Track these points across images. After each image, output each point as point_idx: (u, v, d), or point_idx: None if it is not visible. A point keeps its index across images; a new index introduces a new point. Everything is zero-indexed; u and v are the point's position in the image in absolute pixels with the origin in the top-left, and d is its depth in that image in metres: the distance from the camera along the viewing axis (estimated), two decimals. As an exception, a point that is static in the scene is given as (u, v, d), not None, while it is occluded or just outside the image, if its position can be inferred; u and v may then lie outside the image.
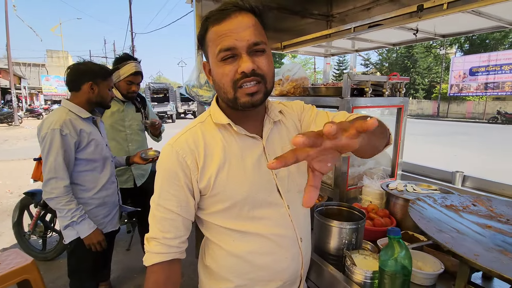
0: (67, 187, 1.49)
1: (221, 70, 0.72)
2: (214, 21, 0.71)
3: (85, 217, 1.55)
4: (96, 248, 1.59)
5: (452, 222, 0.97)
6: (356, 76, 1.47)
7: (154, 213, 0.79)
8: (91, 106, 1.63)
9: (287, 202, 0.85)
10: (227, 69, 0.71)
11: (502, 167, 6.80)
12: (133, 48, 21.53)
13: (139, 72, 2.07)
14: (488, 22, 1.41)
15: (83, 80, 1.56)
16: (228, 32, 0.69)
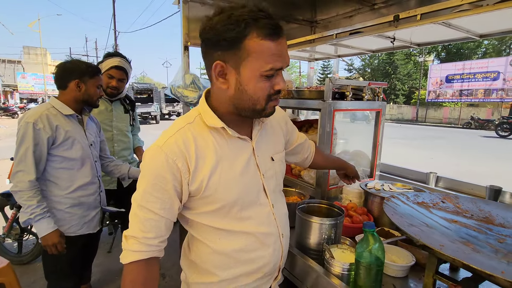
0: (32, 182, 1.44)
1: (260, 85, 0.73)
2: (266, 35, 0.69)
3: (44, 216, 1.47)
4: (51, 251, 1.50)
5: (422, 217, 1.04)
6: (337, 81, 1.54)
7: (136, 212, 0.77)
8: (78, 104, 1.60)
9: (271, 201, 0.89)
10: (267, 84, 0.73)
11: (475, 169, 7.18)
12: (116, 47, 21.03)
13: (121, 67, 2.04)
14: (458, 33, 1.52)
15: (70, 78, 1.54)
16: (281, 54, 0.72)
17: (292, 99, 1.90)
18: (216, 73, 0.74)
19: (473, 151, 10.05)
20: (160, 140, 0.78)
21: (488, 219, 1.08)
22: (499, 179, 6.33)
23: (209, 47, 0.74)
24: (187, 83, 2.10)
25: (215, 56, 0.73)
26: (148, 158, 0.78)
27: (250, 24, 0.68)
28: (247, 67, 0.71)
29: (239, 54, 0.70)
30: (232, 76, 0.73)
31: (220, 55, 0.72)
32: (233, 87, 0.74)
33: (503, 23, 1.42)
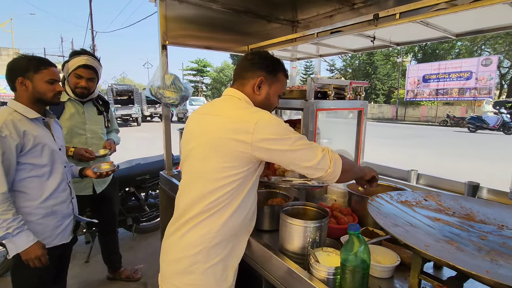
0: (4, 194, 1.33)
1: (275, 99, 1.21)
2: (285, 75, 1.22)
3: (23, 229, 1.38)
4: (34, 264, 1.42)
5: (406, 216, 1.03)
6: (319, 80, 1.52)
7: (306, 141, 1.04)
8: (37, 105, 1.48)
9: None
10: (277, 100, 1.23)
11: (453, 166, 7.45)
12: (93, 47, 20.34)
13: (89, 65, 1.92)
14: (435, 32, 1.54)
15: (14, 77, 1.42)
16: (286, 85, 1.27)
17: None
18: (257, 83, 1.13)
19: (450, 148, 10.46)
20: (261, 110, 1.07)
21: (469, 216, 1.08)
22: (476, 174, 6.60)
23: (257, 66, 1.14)
24: (168, 84, 2.02)
25: (260, 74, 1.14)
26: (271, 116, 1.04)
27: (282, 66, 1.20)
28: (276, 87, 1.18)
29: (274, 79, 1.17)
30: (264, 89, 1.15)
31: (263, 74, 1.14)
32: (263, 96, 1.16)
33: (478, 23, 1.45)
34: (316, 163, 0.99)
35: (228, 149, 1.00)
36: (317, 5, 2.31)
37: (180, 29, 2.17)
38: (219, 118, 1.06)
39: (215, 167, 1.02)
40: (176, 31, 2.13)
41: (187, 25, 2.20)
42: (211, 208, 1.03)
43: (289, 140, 0.98)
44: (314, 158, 0.99)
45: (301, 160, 0.99)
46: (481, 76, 20.04)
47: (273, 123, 1.00)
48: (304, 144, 1.00)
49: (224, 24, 2.40)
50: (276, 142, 0.98)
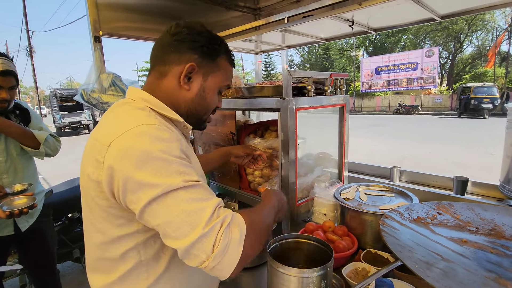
0: None
1: (215, 98, 0.83)
2: (230, 61, 0.84)
3: None
4: None
5: (429, 243, 0.80)
6: (297, 72, 1.24)
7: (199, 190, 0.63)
8: None
9: None
10: (216, 99, 0.84)
11: (413, 152, 7.82)
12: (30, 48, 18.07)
13: (8, 71, 1.46)
14: (422, 13, 1.35)
15: None
16: (232, 77, 0.87)
17: (242, 98, 1.56)
18: (185, 72, 0.75)
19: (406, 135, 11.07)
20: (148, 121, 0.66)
21: (496, 231, 0.88)
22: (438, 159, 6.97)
23: (185, 46, 0.75)
24: (105, 86, 1.60)
25: (191, 58, 0.75)
26: (155, 135, 0.63)
27: (225, 47, 0.82)
28: (214, 78, 0.80)
29: (212, 66, 0.79)
30: (197, 80, 0.78)
31: (196, 59, 0.76)
32: (195, 91, 0.78)
33: (466, 2, 1.29)
34: (192, 242, 0.57)
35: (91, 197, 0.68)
36: (281, -10, 2.03)
37: (118, 18, 1.75)
38: (88, 141, 0.72)
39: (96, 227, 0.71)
40: (113, 20, 1.71)
41: (126, 13, 1.78)
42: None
43: (164, 183, 0.59)
44: (191, 231, 0.57)
45: (169, 231, 0.59)
46: (426, 67, 21.70)
47: (143, 145, 0.61)
48: (189, 200, 0.59)
49: (175, 13, 2.02)
50: (139, 187, 0.59)
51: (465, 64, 25.99)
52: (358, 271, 0.99)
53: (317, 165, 1.61)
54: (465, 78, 22.73)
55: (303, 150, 1.63)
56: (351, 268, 1.00)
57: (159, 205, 0.58)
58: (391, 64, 22.94)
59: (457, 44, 25.15)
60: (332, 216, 1.32)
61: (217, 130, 1.63)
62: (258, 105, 1.37)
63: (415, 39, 27.29)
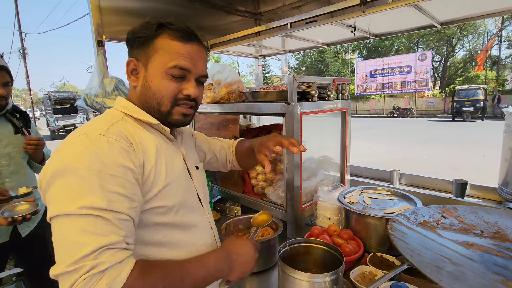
0: None
1: (165, 83, 0.73)
2: (176, 36, 0.74)
3: None
4: None
5: (437, 247, 0.82)
6: (302, 78, 1.26)
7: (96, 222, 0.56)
8: None
9: (206, 211, 0.88)
10: (173, 85, 0.74)
11: (408, 154, 7.90)
12: (23, 50, 17.86)
13: (2, 67, 1.44)
14: (422, 20, 1.38)
15: None
16: (188, 55, 0.74)
17: (245, 102, 1.57)
18: (130, 70, 0.76)
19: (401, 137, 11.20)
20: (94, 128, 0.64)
21: (500, 234, 0.90)
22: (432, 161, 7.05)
23: (128, 47, 0.77)
24: (108, 90, 1.60)
25: (130, 54, 0.76)
26: (89, 148, 0.60)
27: (162, 26, 0.74)
28: (153, 63, 0.73)
29: (148, 51, 0.74)
30: (141, 73, 0.75)
31: (134, 53, 0.76)
32: (141, 82, 0.75)
33: (467, 9, 1.32)
34: (61, 273, 0.53)
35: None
36: (282, -5, 2.06)
37: (121, 22, 1.75)
38: None
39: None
40: (116, 24, 1.71)
41: (128, 17, 1.78)
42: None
43: (62, 205, 0.56)
44: (61, 263, 0.53)
45: (56, 251, 0.56)
46: (419, 70, 22.01)
47: (62, 162, 0.59)
48: (79, 230, 0.54)
49: (175, 16, 2.02)
50: (49, 203, 0.59)
51: (457, 67, 26.44)
52: (365, 274, 1.00)
53: (319, 168, 1.62)
54: (457, 82, 23.09)
55: (305, 154, 1.64)
56: (358, 272, 1.01)
57: (54, 224, 0.57)
58: (385, 68, 23.23)
59: (449, 48, 25.59)
60: (336, 220, 1.33)
61: (221, 134, 1.63)
62: (263, 109, 1.38)
63: (408, 43, 27.69)
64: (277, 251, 1.18)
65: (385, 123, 17.28)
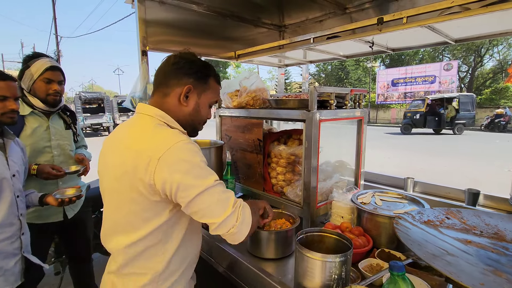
0: None
1: (206, 110, 1.05)
2: (217, 81, 1.07)
3: None
4: None
5: (437, 241, 0.93)
6: (322, 88, 1.40)
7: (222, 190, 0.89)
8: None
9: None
10: (208, 111, 1.07)
11: (426, 165, 7.75)
12: (58, 53, 19.08)
13: (56, 67, 1.67)
14: (437, 37, 1.49)
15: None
16: (218, 93, 1.11)
17: (268, 108, 1.73)
18: (184, 93, 0.96)
19: (422, 148, 10.95)
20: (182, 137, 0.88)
21: (498, 235, 1.00)
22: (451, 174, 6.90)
23: (183, 72, 0.97)
24: (150, 94, 1.80)
25: (187, 81, 0.97)
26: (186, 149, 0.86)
27: (213, 71, 1.04)
28: (206, 96, 1.02)
29: (204, 87, 1.01)
30: (193, 99, 0.99)
31: (192, 82, 0.97)
32: (192, 107, 1.00)
33: (479, 28, 1.42)
34: (224, 219, 0.85)
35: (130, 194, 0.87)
36: (306, 10, 2.21)
37: (161, 33, 1.97)
38: (123, 148, 0.90)
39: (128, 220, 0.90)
40: (157, 35, 1.93)
41: (168, 30, 2.01)
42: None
43: (202, 185, 0.84)
44: (223, 213, 0.85)
45: (208, 213, 0.85)
46: (444, 80, 21.42)
47: (185, 157, 0.84)
48: (220, 192, 0.87)
49: (209, 28, 2.24)
50: (186, 188, 0.82)
51: (485, 78, 25.41)
52: (373, 266, 1.12)
53: (335, 172, 1.75)
54: (485, 93, 22.18)
55: (322, 158, 1.77)
56: (367, 263, 1.12)
57: (201, 198, 0.84)
58: (408, 77, 22.77)
59: (477, 58, 24.67)
60: (348, 219, 1.45)
61: (245, 137, 1.80)
62: (285, 115, 1.54)
63: (433, 52, 26.99)
64: (293, 242, 1.33)
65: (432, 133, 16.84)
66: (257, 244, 1.27)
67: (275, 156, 1.70)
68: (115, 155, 0.92)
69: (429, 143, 12.68)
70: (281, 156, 1.66)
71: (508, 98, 20.98)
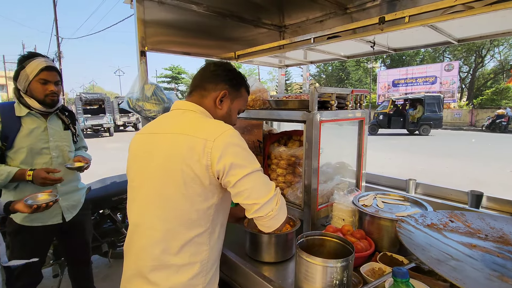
0: None
1: (235, 116, 1.17)
2: (247, 90, 1.19)
3: None
4: None
5: (441, 245, 0.90)
6: (323, 89, 1.38)
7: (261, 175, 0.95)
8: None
9: None
10: (236, 118, 1.18)
11: (428, 166, 7.72)
12: (59, 54, 19.11)
13: (52, 67, 1.64)
14: (439, 37, 1.47)
15: None
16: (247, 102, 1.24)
17: (269, 109, 1.71)
18: (220, 97, 1.07)
19: (422, 149, 10.91)
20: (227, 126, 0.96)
21: (503, 238, 0.98)
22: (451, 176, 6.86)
23: (220, 78, 1.08)
24: (148, 95, 1.79)
25: (223, 86, 1.08)
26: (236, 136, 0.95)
27: (245, 81, 1.16)
28: (238, 102, 1.14)
29: (237, 94, 1.13)
30: (226, 103, 1.10)
31: (227, 88, 1.08)
32: (225, 111, 1.10)
33: (482, 28, 1.40)
34: (267, 201, 0.91)
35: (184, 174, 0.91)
36: (306, 10, 2.20)
37: (160, 34, 1.96)
38: (172, 136, 0.96)
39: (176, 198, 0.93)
40: (156, 36, 1.92)
41: (167, 30, 1.99)
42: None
43: (251, 167, 0.91)
44: (266, 194, 0.92)
45: (253, 193, 0.91)
46: (445, 81, 21.38)
47: (237, 142, 0.93)
48: (264, 177, 0.95)
49: (208, 29, 2.22)
50: (237, 167, 0.89)
51: (487, 79, 25.36)
52: (375, 270, 1.10)
53: (336, 173, 1.72)
54: (486, 93, 22.12)
55: (323, 159, 1.75)
56: (369, 268, 1.10)
57: (248, 178, 0.90)
58: (408, 77, 22.74)
59: (478, 58, 24.63)
60: (350, 221, 1.43)
61: (245, 138, 1.77)
62: (285, 116, 1.52)
63: (434, 52, 26.96)
64: (293, 245, 1.30)
65: (406, 133, 16.84)
66: (257, 247, 1.25)
67: (275, 158, 1.68)
68: (162, 143, 0.96)
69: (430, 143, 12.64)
70: (281, 157, 1.64)
71: (510, 99, 20.93)
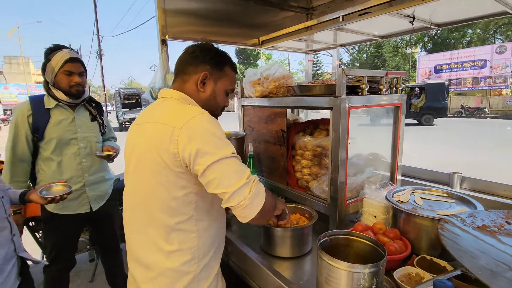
0: None
1: (223, 97, 1.10)
2: (233, 68, 1.11)
3: None
4: None
5: (496, 252, 0.75)
6: (351, 71, 1.24)
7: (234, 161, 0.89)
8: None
9: None
10: (225, 99, 1.12)
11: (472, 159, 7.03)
12: (100, 52, 20.30)
13: (76, 58, 1.67)
14: (494, 5, 1.23)
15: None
16: (236, 81, 1.16)
17: (293, 96, 1.59)
18: (201, 79, 1.02)
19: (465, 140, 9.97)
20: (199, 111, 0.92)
21: None
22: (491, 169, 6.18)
23: (199, 60, 1.03)
24: (170, 84, 1.76)
25: (203, 68, 1.02)
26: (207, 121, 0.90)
27: (228, 59, 1.09)
28: (222, 83, 1.07)
29: (220, 74, 1.06)
30: (210, 85, 1.05)
31: (208, 68, 1.03)
32: (209, 93, 1.05)
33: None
34: (236, 189, 0.85)
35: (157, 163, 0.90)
36: (335, -12, 2.01)
37: (182, 22, 1.91)
38: (149, 125, 0.96)
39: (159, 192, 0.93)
40: (178, 24, 1.87)
41: (189, 18, 1.94)
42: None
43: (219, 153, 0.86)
44: (236, 182, 0.86)
45: (222, 181, 0.85)
46: (496, 64, 19.24)
47: (206, 127, 0.88)
48: (235, 164, 0.89)
49: (231, 15, 2.13)
50: (203, 154, 0.85)
51: (548, 61, 22.37)
52: (411, 276, 0.96)
53: (367, 166, 1.57)
54: (547, 78, 19.54)
55: (353, 150, 1.60)
56: (403, 272, 0.97)
57: (216, 166, 0.85)
58: (453, 62, 20.80)
59: (538, 38, 21.79)
60: (382, 218, 1.28)
61: (268, 128, 1.68)
62: (310, 103, 1.39)
63: (483, 33, 24.35)
64: (310, 240, 1.21)
65: (449, 123, 15.54)
66: (271, 241, 1.18)
67: (300, 148, 1.57)
68: (143, 133, 0.97)
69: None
70: (306, 148, 1.53)
71: None
